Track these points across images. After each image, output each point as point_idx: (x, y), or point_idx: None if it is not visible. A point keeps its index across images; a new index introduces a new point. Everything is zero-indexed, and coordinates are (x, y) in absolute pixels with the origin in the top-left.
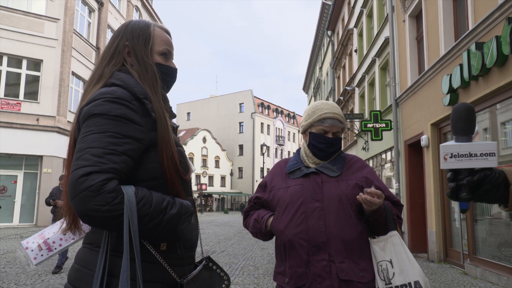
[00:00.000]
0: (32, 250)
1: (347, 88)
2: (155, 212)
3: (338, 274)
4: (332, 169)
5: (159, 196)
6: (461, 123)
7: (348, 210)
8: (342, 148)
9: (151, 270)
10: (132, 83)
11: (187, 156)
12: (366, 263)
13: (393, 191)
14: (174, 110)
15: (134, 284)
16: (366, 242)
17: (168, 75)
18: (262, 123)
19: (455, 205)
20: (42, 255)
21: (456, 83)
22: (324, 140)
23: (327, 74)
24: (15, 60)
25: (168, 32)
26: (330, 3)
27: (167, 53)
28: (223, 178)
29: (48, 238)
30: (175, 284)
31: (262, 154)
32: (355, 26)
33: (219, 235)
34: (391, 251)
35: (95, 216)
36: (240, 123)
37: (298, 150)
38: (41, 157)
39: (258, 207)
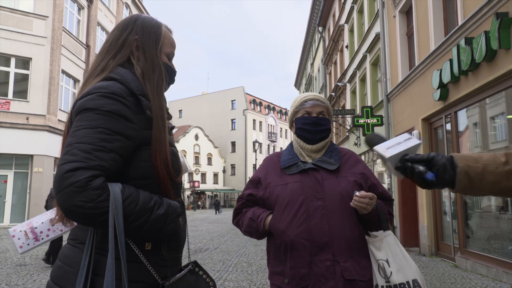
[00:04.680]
0: (18, 239)
1: (338, 84)
2: (141, 211)
3: (343, 274)
4: (330, 161)
5: (147, 195)
6: (376, 138)
7: (350, 208)
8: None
9: (134, 270)
10: (130, 78)
11: (182, 156)
12: (366, 261)
13: (385, 186)
14: None
15: (119, 283)
16: (364, 240)
17: (170, 76)
18: (254, 120)
19: (446, 199)
20: (28, 244)
21: (446, 78)
22: (308, 120)
23: (318, 70)
24: (3, 59)
25: (172, 33)
26: None
27: (171, 56)
28: (215, 175)
29: (36, 228)
30: (157, 285)
31: (255, 150)
32: (346, 22)
33: (212, 232)
34: (387, 251)
35: (80, 212)
36: (232, 120)
37: (291, 144)
38: (31, 156)
39: (251, 204)
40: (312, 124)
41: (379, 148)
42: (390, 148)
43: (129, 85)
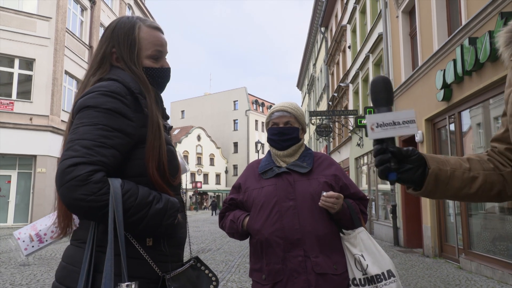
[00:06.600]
0: (23, 241)
1: (341, 84)
2: (140, 205)
3: (314, 268)
4: (302, 165)
5: (146, 190)
6: (382, 93)
7: (320, 207)
8: (337, 145)
9: (135, 266)
10: (128, 78)
11: (181, 157)
12: (339, 256)
13: (387, 187)
14: (168, 108)
15: (118, 279)
16: (338, 236)
17: (160, 77)
18: (256, 120)
19: (449, 200)
20: (33, 246)
21: (450, 79)
22: (274, 131)
23: (321, 71)
24: (7, 60)
25: (158, 29)
26: None
27: (158, 55)
28: (218, 175)
29: (40, 230)
30: (158, 279)
31: (257, 151)
32: (349, 22)
33: (214, 232)
34: (361, 246)
35: (81, 205)
36: (234, 120)
37: (269, 152)
38: (35, 156)
39: (233, 208)
40: (277, 134)
41: (371, 120)
42: (383, 127)
43: (127, 84)
